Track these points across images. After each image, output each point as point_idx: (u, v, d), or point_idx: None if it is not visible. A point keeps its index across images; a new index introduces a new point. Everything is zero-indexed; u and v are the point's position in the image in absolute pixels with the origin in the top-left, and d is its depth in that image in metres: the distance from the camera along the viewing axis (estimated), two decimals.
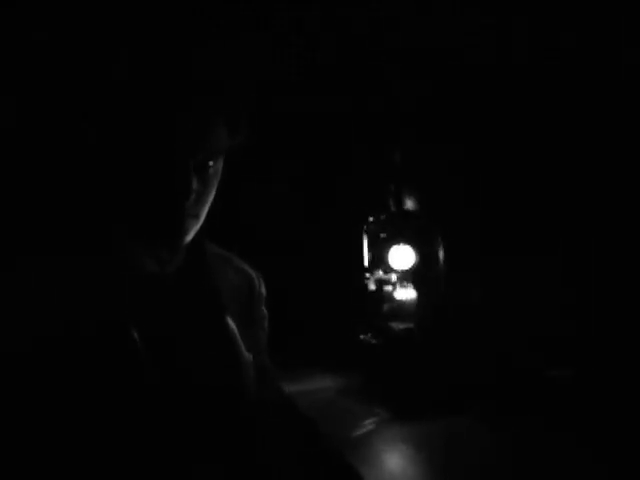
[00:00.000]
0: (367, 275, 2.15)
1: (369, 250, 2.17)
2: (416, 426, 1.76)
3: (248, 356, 1.16)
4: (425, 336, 2.00)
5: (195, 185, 1.01)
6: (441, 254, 2.05)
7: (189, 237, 1.06)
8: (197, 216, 1.05)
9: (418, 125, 2.31)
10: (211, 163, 1.03)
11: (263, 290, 1.31)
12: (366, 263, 2.17)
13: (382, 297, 2.12)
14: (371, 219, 2.16)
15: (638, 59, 2.17)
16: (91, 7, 1.74)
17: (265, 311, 1.33)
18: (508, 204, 2.28)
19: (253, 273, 1.29)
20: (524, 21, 2.30)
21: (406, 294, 2.10)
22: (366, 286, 2.15)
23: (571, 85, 2.27)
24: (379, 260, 2.14)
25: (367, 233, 2.16)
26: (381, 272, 2.12)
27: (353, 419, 1.82)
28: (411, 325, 2.03)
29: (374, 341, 2.04)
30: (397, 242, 2.09)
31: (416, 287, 2.09)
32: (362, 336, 2.10)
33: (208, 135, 1.01)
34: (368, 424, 1.78)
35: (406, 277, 2.10)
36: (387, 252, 2.11)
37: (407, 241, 2.09)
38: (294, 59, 2.36)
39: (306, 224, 2.35)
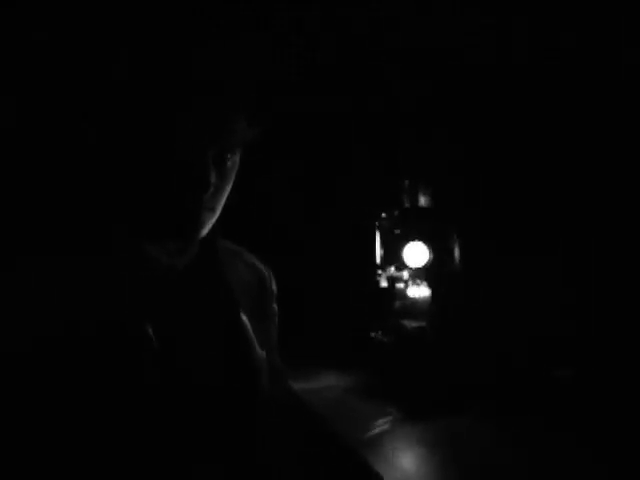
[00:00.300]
0: (379, 272, 2.12)
1: (381, 247, 2.13)
2: (429, 426, 1.75)
3: (261, 353, 1.14)
4: (438, 335, 1.97)
5: (213, 178, 0.99)
6: (456, 252, 2.01)
7: (204, 231, 1.03)
8: (213, 209, 1.02)
9: (422, 124, 2.30)
10: (229, 156, 1.01)
11: (274, 286, 1.29)
12: (378, 260, 2.13)
13: (394, 295, 2.08)
14: (384, 215, 2.12)
15: (638, 59, 2.18)
16: (91, 7, 1.72)
17: (276, 308, 1.31)
18: (510, 204, 2.27)
19: (263, 268, 1.27)
20: (524, 21, 2.30)
21: (419, 292, 2.06)
22: (377, 283, 2.12)
23: (571, 85, 2.28)
24: (392, 257, 2.09)
25: (379, 229, 2.12)
26: (393, 269, 2.09)
27: (364, 419, 1.79)
28: (424, 323, 2.00)
29: (385, 339, 2.01)
30: (411, 239, 2.05)
31: (430, 285, 2.05)
32: (373, 334, 2.06)
33: (227, 127, 0.99)
34: (381, 424, 1.76)
35: (419, 274, 2.05)
36: (400, 249, 2.06)
37: (421, 238, 2.05)
38: (294, 59, 2.34)
39: (311, 223, 2.32)
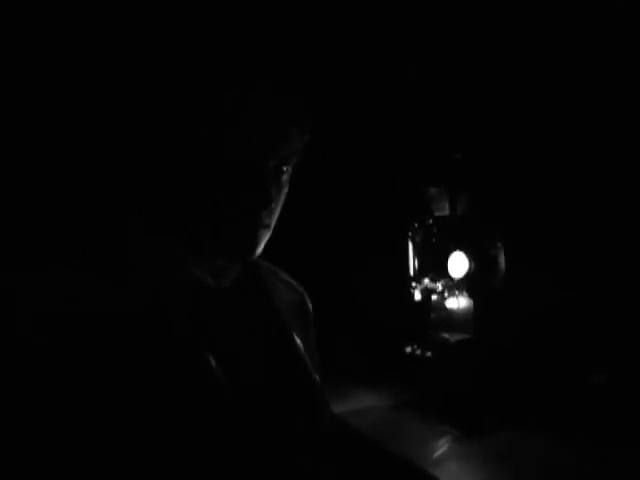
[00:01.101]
0: (413, 284, 2.02)
1: (414, 257, 2.03)
2: (490, 441, 1.67)
3: (316, 377, 1.05)
4: (485, 347, 1.88)
5: (272, 192, 0.91)
6: (501, 260, 1.90)
7: (259, 250, 0.95)
8: (269, 227, 0.95)
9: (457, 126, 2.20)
10: (285, 168, 0.94)
11: (310, 305, 1.21)
12: (411, 271, 2.03)
13: (429, 307, 1.99)
14: (416, 225, 2.02)
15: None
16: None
17: (313, 327, 1.23)
18: (556, 208, 2.18)
19: (298, 286, 1.18)
20: None
21: (458, 303, 1.97)
22: (412, 296, 2.01)
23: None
24: (426, 268, 2.00)
25: (412, 240, 2.02)
26: (427, 280, 1.99)
27: (421, 439, 1.71)
28: (466, 336, 1.91)
29: (425, 353, 1.91)
30: (450, 248, 1.94)
31: (471, 295, 1.94)
32: (408, 348, 1.96)
33: (284, 138, 0.92)
34: (442, 444, 1.67)
35: (458, 285, 1.95)
36: (436, 259, 1.96)
37: (461, 247, 1.94)
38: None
39: (340, 236, 2.23)
